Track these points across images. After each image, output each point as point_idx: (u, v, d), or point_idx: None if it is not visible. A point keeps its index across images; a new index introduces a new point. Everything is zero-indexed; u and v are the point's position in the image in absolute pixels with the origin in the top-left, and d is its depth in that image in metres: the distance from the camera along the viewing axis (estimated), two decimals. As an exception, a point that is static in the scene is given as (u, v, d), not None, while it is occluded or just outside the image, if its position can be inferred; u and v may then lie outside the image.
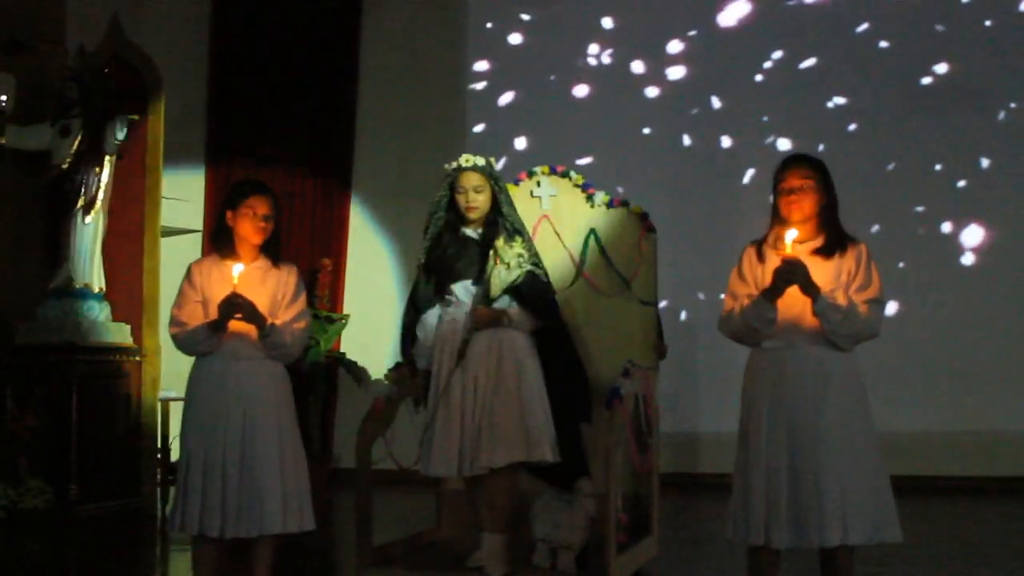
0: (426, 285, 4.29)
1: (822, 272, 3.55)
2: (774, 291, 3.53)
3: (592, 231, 4.91)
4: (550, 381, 4.20)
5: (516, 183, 4.94)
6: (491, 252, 4.17)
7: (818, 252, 3.59)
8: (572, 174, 4.98)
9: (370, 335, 8.52)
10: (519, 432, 4.03)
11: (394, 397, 4.48)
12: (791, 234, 3.50)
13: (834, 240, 3.61)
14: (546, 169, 4.99)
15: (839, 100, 8.54)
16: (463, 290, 4.23)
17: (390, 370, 4.59)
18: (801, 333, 3.56)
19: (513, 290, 4.17)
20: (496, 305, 4.16)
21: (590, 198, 4.94)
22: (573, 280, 4.88)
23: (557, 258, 4.85)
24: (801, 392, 3.53)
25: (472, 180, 4.25)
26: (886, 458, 3.60)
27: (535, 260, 4.24)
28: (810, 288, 3.49)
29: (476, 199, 4.24)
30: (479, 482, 4.16)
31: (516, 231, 4.24)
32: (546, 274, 4.32)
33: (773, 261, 3.59)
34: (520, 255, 4.14)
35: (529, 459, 4.06)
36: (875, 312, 3.58)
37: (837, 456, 3.48)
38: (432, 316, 4.28)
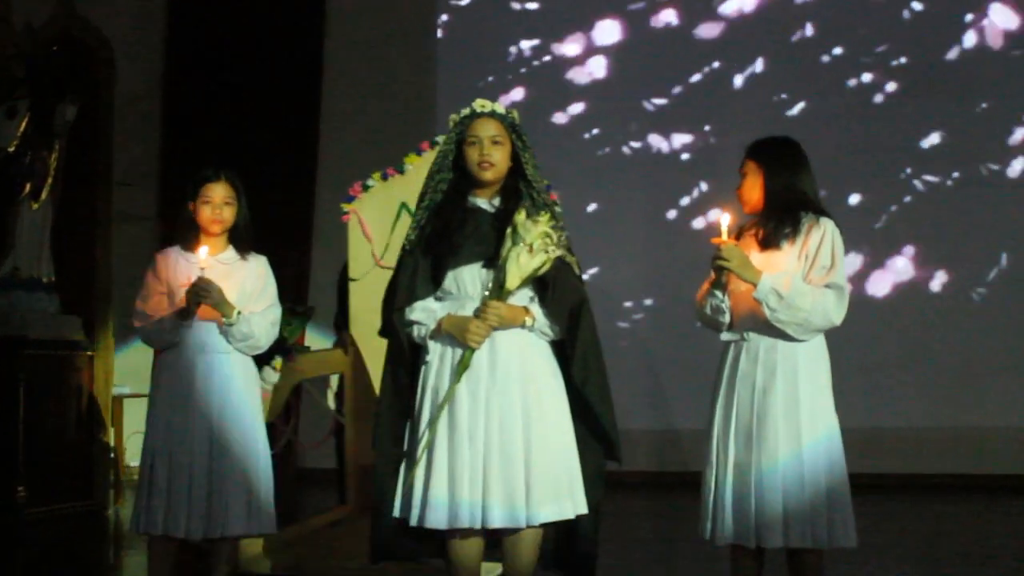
0: (416, 271, 3.39)
1: (772, 260, 3.55)
2: (714, 279, 3.59)
3: None
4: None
5: (418, 153, 4.73)
6: (508, 229, 3.27)
7: (763, 241, 3.59)
8: None
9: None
10: (563, 481, 3.33)
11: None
12: (724, 219, 3.50)
13: (777, 227, 3.56)
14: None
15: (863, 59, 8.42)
16: (471, 278, 3.37)
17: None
18: (755, 325, 3.57)
19: (537, 282, 3.34)
20: (513, 301, 3.33)
21: None
22: None
23: None
24: (748, 386, 3.56)
25: (489, 128, 3.40)
26: (884, 456, 3.57)
27: (567, 245, 3.38)
28: (746, 273, 3.50)
29: (492, 153, 3.38)
30: (497, 537, 3.41)
31: (544, 204, 3.42)
32: (579, 265, 3.47)
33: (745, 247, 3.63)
34: (547, 235, 3.25)
35: (574, 514, 3.36)
36: (831, 298, 3.50)
37: (780, 455, 3.48)
38: (432, 303, 3.41)
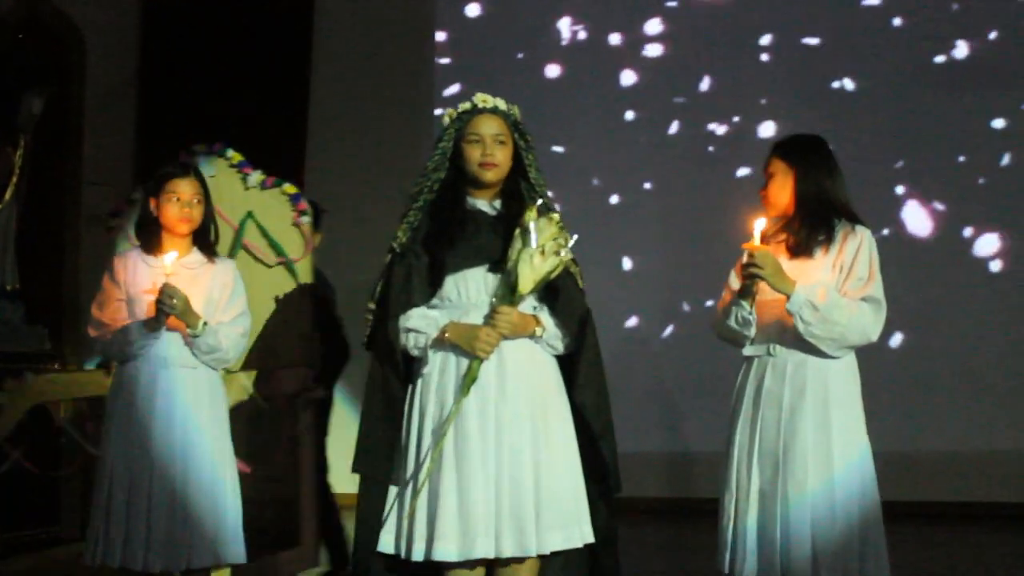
0: (410, 276, 3.25)
1: (804, 269, 3.47)
2: (742, 288, 3.49)
3: (249, 214, 4.88)
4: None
5: None
6: (517, 230, 3.14)
7: (793, 248, 3.51)
8: (229, 152, 4.89)
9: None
10: (571, 507, 3.22)
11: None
12: (759, 224, 3.40)
13: (810, 233, 3.49)
14: (203, 147, 4.92)
15: (845, 82, 8.31)
16: (475, 283, 3.24)
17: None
18: (783, 338, 3.49)
19: (544, 290, 3.23)
20: (522, 309, 3.23)
21: (245, 178, 4.93)
22: (232, 250, 4.81)
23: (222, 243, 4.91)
24: (774, 406, 3.46)
25: (491, 126, 3.27)
26: (919, 483, 3.41)
27: (572, 254, 3.28)
28: (779, 283, 3.41)
29: (495, 152, 3.25)
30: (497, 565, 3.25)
31: (548, 207, 3.26)
32: (582, 277, 3.40)
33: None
34: (558, 239, 3.13)
35: (582, 542, 3.26)
36: (869, 312, 3.43)
37: (809, 482, 3.37)
38: (429, 310, 3.28)
